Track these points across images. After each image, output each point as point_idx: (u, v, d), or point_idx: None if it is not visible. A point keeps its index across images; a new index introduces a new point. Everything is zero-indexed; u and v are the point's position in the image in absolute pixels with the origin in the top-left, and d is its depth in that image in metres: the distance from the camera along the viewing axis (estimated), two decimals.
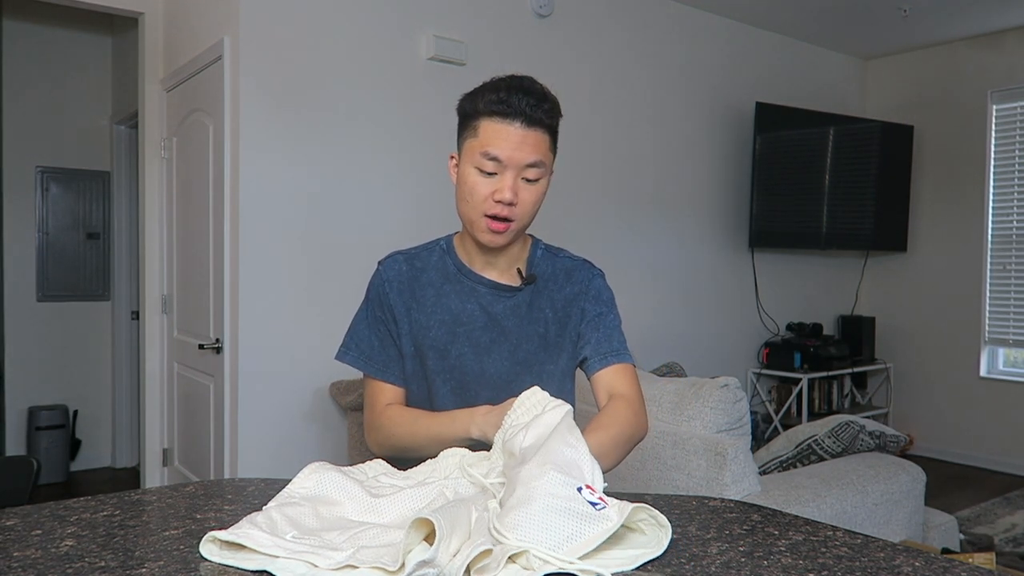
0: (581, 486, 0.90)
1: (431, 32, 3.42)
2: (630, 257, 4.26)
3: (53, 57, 4.62)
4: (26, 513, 1.07)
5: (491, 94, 1.29)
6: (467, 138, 1.32)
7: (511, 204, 1.29)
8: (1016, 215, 4.95)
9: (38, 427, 4.41)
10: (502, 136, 1.27)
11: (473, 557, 0.81)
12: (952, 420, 5.17)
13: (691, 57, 4.53)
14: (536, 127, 1.29)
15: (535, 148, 1.29)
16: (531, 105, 1.27)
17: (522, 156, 1.28)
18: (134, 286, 4.72)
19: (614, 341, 1.43)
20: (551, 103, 1.31)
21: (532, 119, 1.28)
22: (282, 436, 3.09)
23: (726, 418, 2.10)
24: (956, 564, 0.89)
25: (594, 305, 1.45)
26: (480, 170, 1.29)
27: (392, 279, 1.42)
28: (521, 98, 1.27)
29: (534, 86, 1.30)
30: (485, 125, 1.29)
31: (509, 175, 1.28)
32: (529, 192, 1.31)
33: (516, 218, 1.31)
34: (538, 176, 1.31)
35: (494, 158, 1.27)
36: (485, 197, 1.30)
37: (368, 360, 1.43)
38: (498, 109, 1.27)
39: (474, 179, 1.30)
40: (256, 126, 3.01)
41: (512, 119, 1.27)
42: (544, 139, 1.31)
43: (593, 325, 1.43)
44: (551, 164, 1.36)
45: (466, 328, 1.39)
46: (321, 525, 0.96)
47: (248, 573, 0.87)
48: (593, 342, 1.42)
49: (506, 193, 1.28)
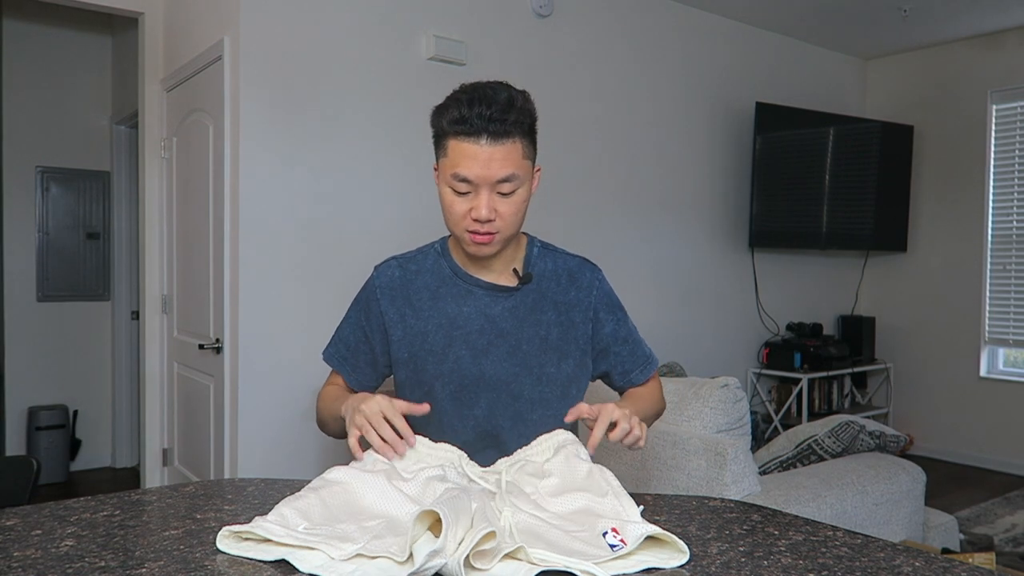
0: (607, 530, 0.94)
1: (431, 32, 3.42)
2: (630, 257, 4.26)
3: (53, 57, 4.62)
4: (26, 513, 1.07)
5: (453, 110, 1.24)
6: (440, 156, 1.30)
7: (489, 220, 1.27)
8: (1016, 215, 4.95)
9: (38, 427, 4.41)
10: (468, 155, 1.23)
11: (477, 540, 0.83)
12: (952, 420, 5.17)
13: (691, 57, 4.53)
14: (503, 139, 1.23)
15: (504, 162, 1.24)
16: (494, 119, 1.21)
17: (491, 173, 1.24)
18: (134, 286, 4.72)
19: (643, 347, 1.53)
20: (518, 109, 1.24)
21: (497, 133, 1.22)
22: (282, 436, 3.09)
23: (726, 418, 2.10)
24: (956, 564, 0.89)
25: (608, 313, 1.46)
26: (454, 190, 1.27)
27: (384, 286, 1.42)
28: (483, 111, 1.21)
29: (498, 95, 1.24)
30: (452, 145, 1.25)
31: (483, 193, 1.25)
32: (507, 205, 1.28)
33: (498, 229, 1.29)
34: (513, 189, 1.27)
35: (464, 179, 1.24)
36: (463, 215, 1.28)
37: (342, 360, 1.48)
38: (461, 128, 1.23)
39: (450, 198, 1.28)
40: (256, 126, 3.01)
41: (476, 137, 1.22)
42: (515, 148, 1.25)
43: (620, 339, 1.48)
44: (529, 170, 1.31)
45: (463, 331, 1.37)
46: (330, 515, 0.98)
47: (267, 564, 0.88)
48: (627, 356, 1.49)
49: (482, 211, 1.25)
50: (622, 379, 1.50)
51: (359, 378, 1.47)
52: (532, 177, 1.34)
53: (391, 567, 0.84)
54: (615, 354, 1.47)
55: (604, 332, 1.45)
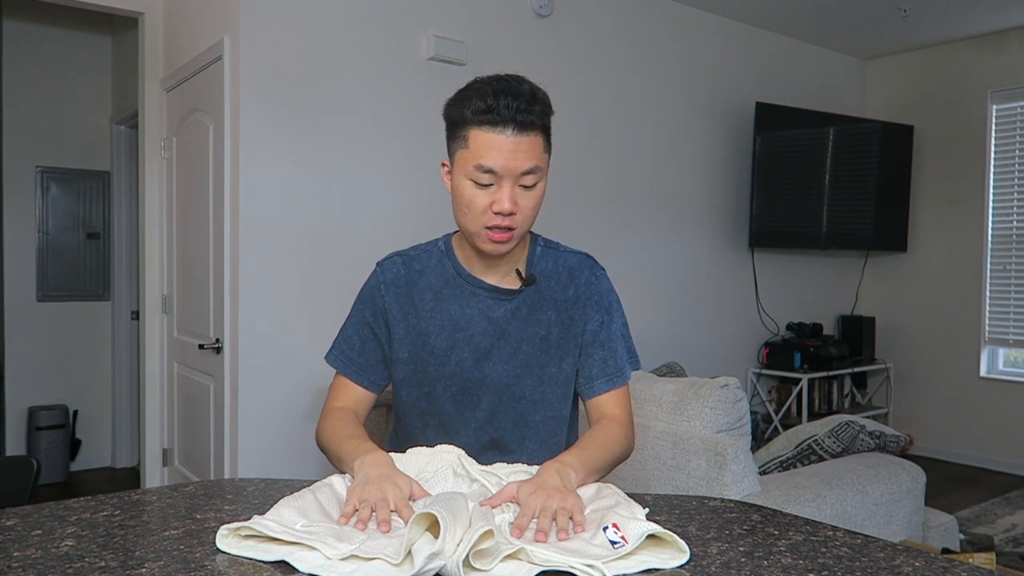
0: (608, 525, 0.94)
1: (431, 32, 3.43)
2: (630, 257, 4.26)
3: (53, 57, 4.62)
4: (26, 513, 1.07)
5: (478, 101, 1.22)
6: (458, 148, 1.26)
7: (511, 214, 1.24)
8: (1016, 215, 4.95)
9: (38, 427, 4.41)
10: (494, 146, 1.21)
11: (475, 539, 0.83)
12: (952, 420, 5.17)
13: (691, 57, 4.53)
14: (528, 131, 1.22)
15: (529, 154, 1.23)
16: (521, 110, 1.21)
17: (517, 165, 1.22)
18: (134, 286, 4.72)
19: (618, 358, 1.39)
20: (541, 103, 1.24)
21: (523, 124, 1.21)
22: (282, 436, 3.09)
23: (726, 418, 2.10)
24: (956, 564, 0.89)
25: (597, 312, 1.40)
26: (475, 183, 1.24)
27: (389, 282, 1.39)
28: (510, 103, 1.20)
29: (522, 87, 1.23)
30: (475, 135, 1.22)
31: (506, 185, 1.23)
32: (527, 198, 1.26)
33: (517, 225, 1.26)
34: (535, 182, 1.26)
35: (488, 170, 1.22)
36: (484, 209, 1.24)
37: (348, 361, 1.41)
38: (487, 118, 1.21)
39: (470, 192, 1.24)
40: (256, 126, 3.01)
41: (503, 127, 1.21)
42: (538, 142, 1.25)
43: (598, 341, 1.39)
44: (547, 165, 1.30)
45: (465, 334, 1.35)
46: (327, 514, 0.99)
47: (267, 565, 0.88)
48: (598, 361, 1.38)
49: (505, 204, 1.22)
50: (586, 384, 1.39)
51: (370, 377, 1.41)
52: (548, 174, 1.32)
53: (388, 569, 0.84)
54: (587, 355, 1.39)
55: (587, 329, 1.39)
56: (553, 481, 1.07)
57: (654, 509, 1.12)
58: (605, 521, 0.95)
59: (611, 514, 0.97)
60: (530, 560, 0.86)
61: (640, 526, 0.91)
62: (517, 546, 0.87)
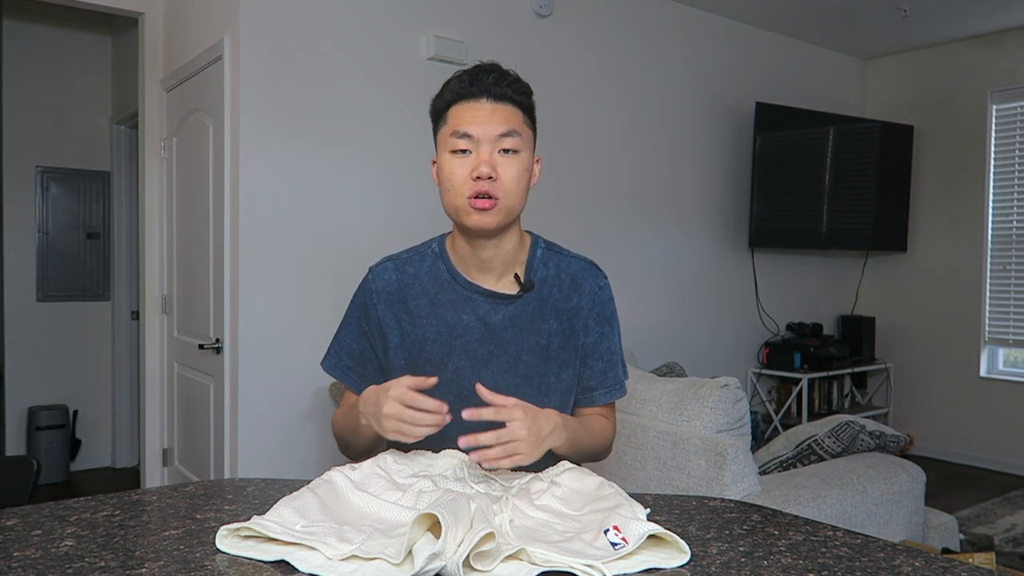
0: (609, 527, 0.94)
1: (431, 32, 3.43)
2: (630, 257, 4.26)
3: (53, 57, 4.62)
4: (26, 513, 1.07)
5: (454, 83, 1.28)
6: (439, 130, 1.31)
7: (491, 178, 1.23)
8: (1016, 215, 4.95)
9: (38, 427, 4.41)
10: (470, 112, 1.25)
11: (476, 541, 0.83)
12: (952, 420, 5.17)
13: (691, 57, 4.53)
14: (504, 101, 1.26)
15: (506, 119, 1.25)
16: (496, 81, 1.26)
17: (493, 127, 1.24)
18: (134, 286, 4.72)
19: (618, 370, 1.42)
20: (517, 80, 1.29)
21: (498, 94, 1.25)
22: (282, 436, 3.09)
23: (726, 418, 2.10)
24: (956, 564, 0.89)
25: (597, 323, 1.39)
26: (455, 151, 1.25)
27: (381, 290, 1.37)
28: (484, 77, 1.25)
29: (498, 67, 1.28)
30: (453, 111, 1.27)
31: (484, 148, 1.24)
32: (508, 165, 1.25)
33: (499, 194, 1.24)
34: (515, 147, 1.25)
35: (464, 134, 1.24)
36: (464, 179, 1.24)
37: (346, 369, 1.42)
38: (464, 92, 1.26)
39: (451, 164, 1.26)
40: (256, 126, 3.01)
41: (478, 97, 1.25)
42: (515, 112, 1.27)
43: (598, 353, 1.39)
44: (531, 141, 1.30)
45: (462, 340, 1.33)
46: (327, 513, 0.99)
47: (267, 565, 0.88)
48: (598, 372, 1.39)
49: (483, 167, 1.22)
50: (584, 394, 1.40)
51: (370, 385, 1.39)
52: (533, 156, 1.32)
53: (388, 569, 0.84)
54: (587, 366, 1.39)
55: (588, 341, 1.38)
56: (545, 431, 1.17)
57: (654, 509, 1.12)
58: (606, 523, 0.95)
59: (613, 516, 0.96)
60: (531, 561, 0.86)
61: (641, 526, 0.91)
62: (518, 547, 0.87)
